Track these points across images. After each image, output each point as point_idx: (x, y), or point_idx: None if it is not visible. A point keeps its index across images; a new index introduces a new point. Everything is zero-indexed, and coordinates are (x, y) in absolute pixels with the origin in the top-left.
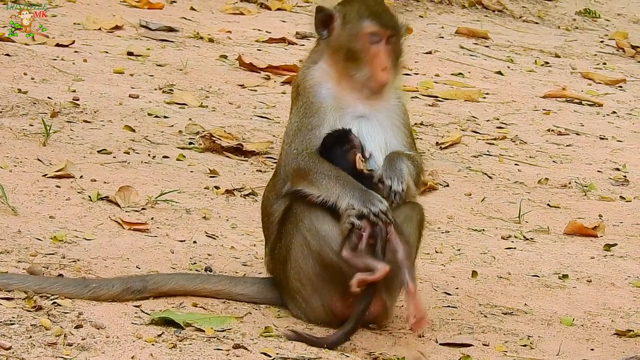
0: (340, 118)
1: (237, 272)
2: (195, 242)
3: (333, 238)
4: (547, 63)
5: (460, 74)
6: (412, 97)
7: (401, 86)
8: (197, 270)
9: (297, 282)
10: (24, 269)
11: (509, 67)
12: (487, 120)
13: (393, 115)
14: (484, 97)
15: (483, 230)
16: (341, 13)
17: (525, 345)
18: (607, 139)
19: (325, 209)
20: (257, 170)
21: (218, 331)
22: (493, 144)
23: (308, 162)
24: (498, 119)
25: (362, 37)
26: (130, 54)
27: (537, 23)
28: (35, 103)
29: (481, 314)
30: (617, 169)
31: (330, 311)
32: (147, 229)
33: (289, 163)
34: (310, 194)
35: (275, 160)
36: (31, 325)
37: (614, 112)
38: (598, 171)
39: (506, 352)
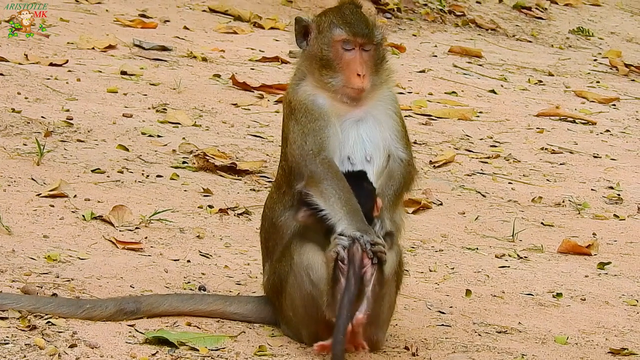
0: (340, 124)
1: (231, 291)
2: (189, 261)
3: (314, 269)
4: (540, 81)
5: (453, 92)
6: (406, 116)
7: (392, 83)
8: (190, 289)
9: (289, 312)
10: (18, 288)
11: (502, 86)
12: (481, 139)
13: (387, 107)
14: (478, 116)
15: (477, 248)
16: (316, 23)
17: None
18: (600, 157)
19: (313, 241)
20: (251, 189)
21: (212, 350)
22: (487, 162)
23: (327, 172)
24: (492, 138)
25: (334, 45)
26: (123, 73)
27: (530, 42)
28: (29, 122)
29: (475, 332)
30: (611, 188)
31: (319, 339)
32: (141, 248)
33: (307, 164)
34: (315, 203)
35: (270, 179)
36: (25, 344)
37: (608, 131)
38: (592, 190)
39: None
